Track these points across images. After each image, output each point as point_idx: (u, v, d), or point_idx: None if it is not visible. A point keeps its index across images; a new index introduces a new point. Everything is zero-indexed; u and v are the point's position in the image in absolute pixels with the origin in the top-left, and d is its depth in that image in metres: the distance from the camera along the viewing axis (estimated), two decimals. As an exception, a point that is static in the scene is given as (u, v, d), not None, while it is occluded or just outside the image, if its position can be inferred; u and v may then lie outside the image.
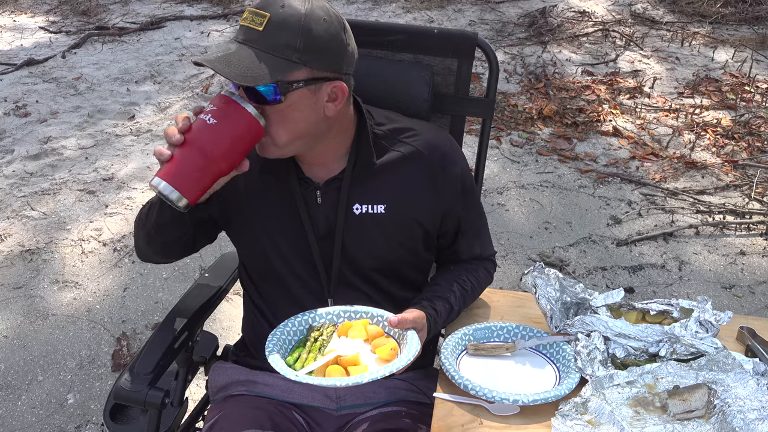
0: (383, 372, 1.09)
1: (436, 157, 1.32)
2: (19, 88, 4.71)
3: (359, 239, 1.30)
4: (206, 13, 6.32)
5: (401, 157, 1.30)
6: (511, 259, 3.01)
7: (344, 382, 1.07)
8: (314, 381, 1.08)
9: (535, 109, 4.40)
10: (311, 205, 1.29)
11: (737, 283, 2.90)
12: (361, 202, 1.29)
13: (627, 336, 1.23)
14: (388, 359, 1.14)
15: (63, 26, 6.01)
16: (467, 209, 1.38)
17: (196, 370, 1.48)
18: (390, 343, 1.17)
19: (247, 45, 1.12)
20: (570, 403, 1.10)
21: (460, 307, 1.34)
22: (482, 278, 1.41)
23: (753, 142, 4.05)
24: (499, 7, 6.46)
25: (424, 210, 1.32)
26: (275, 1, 1.12)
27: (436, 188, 1.32)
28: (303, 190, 1.29)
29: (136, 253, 1.40)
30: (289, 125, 1.17)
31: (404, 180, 1.30)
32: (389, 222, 1.30)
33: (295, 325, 1.23)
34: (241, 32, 1.14)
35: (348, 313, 1.25)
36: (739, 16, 6.22)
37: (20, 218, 3.23)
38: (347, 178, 1.28)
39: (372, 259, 1.31)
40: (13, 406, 2.24)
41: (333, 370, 1.12)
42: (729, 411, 1.04)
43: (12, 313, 2.64)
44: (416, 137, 1.32)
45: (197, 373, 1.50)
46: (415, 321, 1.20)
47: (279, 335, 1.19)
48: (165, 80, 4.87)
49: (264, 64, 1.10)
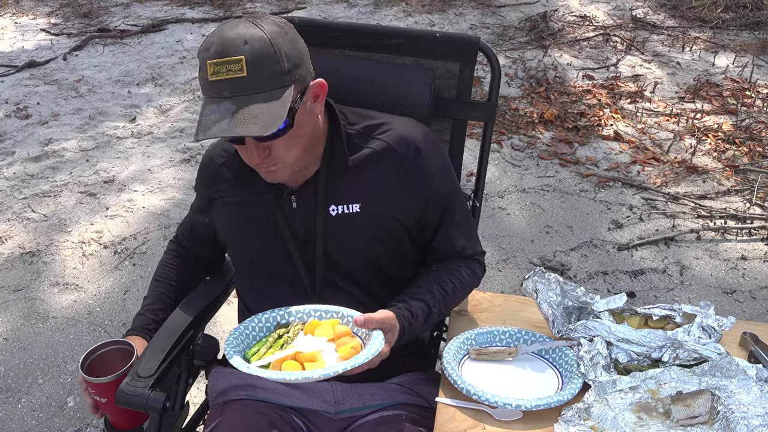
0: (336, 369, 1.07)
1: (410, 150, 1.29)
2: (20, 90, 4.71)
3: (338, 240, 1.29)
4: (207, 15, 6.33)
5: (373, 153, 1.29)
6: (512, 263, 3.00)
7: (293, 376, 1.06)
8: (264, 374, 1.07)
9: (536, 113, 4.40)
10: (287, 211, 1.30)
11: (738, 288, 2.90)
12: (337, 203, 1.28)
13: (630, 341, 1.22)
14: (348, 358, 1.12)
15: (64, 28, 6.01)
16: (446, 202, 1.34)
17: (197, 374, 1.47)
18: (350, 342, 1.16)
19: (239, 96, 1.10)
20: (573, 409, 1.09)
21: (441, 310, 1.30)
22: (466, 279, 1.36)
23: (754, 147, 4.05)
24: (500, 11, 6.47)
25: (399, 205, 1.30)
26: (235, 43, 1.10)
27: (410, 182, 1.29)
28: (277, 197, 1.30)
29: None
30: (298, 143, 1.20)
31: (377, 176, 1.28)
32: (365, 220, 1.28)
33: (261, 321, 1.23)
34: (222, 87, 1.10)
35: (318, 312, 1.24)
36: (740, 21, 6.23)
37: (21, 220, 3.22)
38: (322, 181, 1.28)
39: (352, 259, 1.31)
40: (13, 409, 2.23)
41: (288, 365, 1.11)
42: (732, 417, 1.03)
43: (12, 315, 2.64)
44: (388, 132, 1.30)
45: (198, 377, 1.50)
46: (382, 321, 1.18)
47: (242, 329, 1.21)
48: (166, 82, 4.87)
49: (269, 104, 1.10)
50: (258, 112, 1.09)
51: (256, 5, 6.64)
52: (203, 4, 6.66)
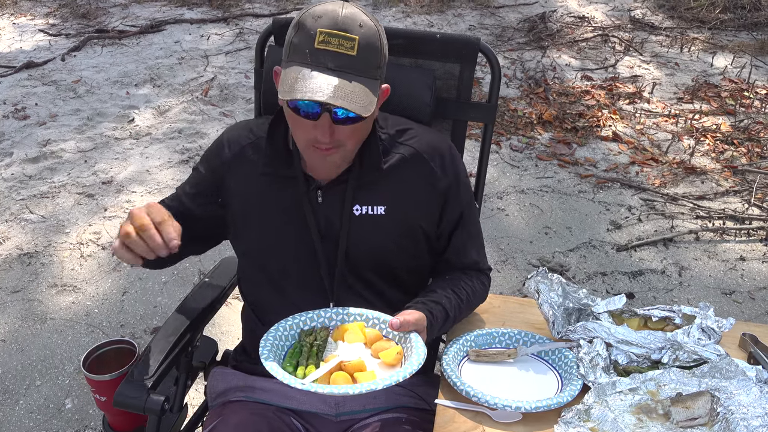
0: (396, 378, 1.07)
1: (436, 158, 1.32)
2: (19, 91, 4.70)
3: (358, 240, 1.29)
4: (206, 16, 6.32)
5: (401, 158, 1.30)
6: (511, 264, 3.00)
7: (357, 389, 1.04)
8: (324, 389, 1.05)
9: (535, 113, 4.40)
10: (313, 204, 1.29)
11: (737, 288, 2.90)
12: (361, 203, 1.28)
13: (629, 342, 1.22)
14: (394, 364, 1.12)
15: (63, 29, 6.00)
16: (464, 212, 1.37)
17: (196, 376, 1.47)
18: (395, 348, 1.15)
19: (344, 72, 1.11)
20: (573, 410, 1.09)
21: (455, 316, 1.31)
22: (478, 290, 1.39)
23: (752, 147, 4.06)
24: (499, 11, 6.47)
25: (422, 211, 1.32)
26: (353, 22, 1.11)
27: (435, 189, 1.31)
28: (307, 187, 1.29)
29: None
30: (360, 135, 1.21)
31: (403, 181, 1.30)
32: (388, 223, 1.29)
33: (285, 329, 1.20)
34: (328, 58, 1.11)
35: (341, 315, 1.23)
36: (738, 22, 6.24)
37: (19, 221, 3.22)
38: (353, 179, 1.27)
39: (371, 261, 1.31)
40: (11, 411, 2.23)
41: (338, 376, 1.10)
42: (732, 418, 1.03)
43: (10, 316, 2.63)
44: (416, 139, 1.33)
45: (197, 379, 1.49)
46: (417, 323, 1.19)
47: (271, 340, 1.16)
48: (164, 83, 4.87)
49: (368, 89, 1.12)
50: (359, 92, 1.11)
51: (255, 6, 6.63)
52: (202, 4, 6.66)
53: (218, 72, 5.05)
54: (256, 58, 1.55)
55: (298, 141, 1.22)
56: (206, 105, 4.53)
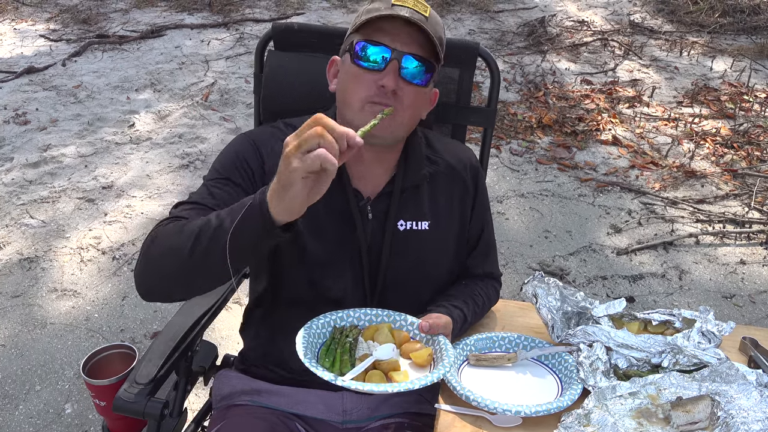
0: (431, 378, 1.10)
1: (470, 171, 1.35)
2: (19, 96, 4.71)
3: (403, 257, 1.27)
4: (206, 21, 6.34)
5: (438, 172, 1.31)
6: (511, 268, 3.00)
7: (395, 388, 1.07)
8: (363, 387, 1.06)
9: (535, 118, 4.41)
10: (364, 220, 1.26)
11: (738, 292, 2.89)
12: (406, 218, 1.27)
13: (629, 346, 1.22)
14: (425, 365, 1.15)
15: (63, 34, 6.02)
16: (486, 224, 1.40)
17: (196, 380, 1.47)
18: (426, 349, 1.17)
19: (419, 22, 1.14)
20: (572, 415, 1.09)
21: (472, 320, 1.33)
22: (491, 297, 1.41)
23: (752, 151, 4.06)
24: (499, 16, 6.49)
25: (460, 224, 1.34)
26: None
27: (467, 202, 1.34)
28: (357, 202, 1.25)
29: (147, 285, 1.11)
30: (416, 111, 1.21)
31: (443, 196, 1.31)
32: (432, 238, 1.29)
33: (318, 327, 1.19)
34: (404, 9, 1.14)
35: (369, 315, 1.24)
36: (737, 26, 6.25)
37: (19, 226, 3.22)
38: (397, 193, 1.26)
39: (414, 277, 1.29)
40: (11, 416, 2.22)
41: (373, 375, 1.12)
42: (732, 422, 1.03)
43: (10, 321, 2.63)
44: (447, 152, 1.34)
45: (197, 383, 1.49)
46: (446, 326, 1.21)
47: (307, 337, 1.15)
48: (165, 88, 4.88)
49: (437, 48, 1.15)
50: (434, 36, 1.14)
51: (255, 11, 6.65)
52: (202, 9, 6.68)
53: (218, 77, 5.06)
54: (256, 62, 1.55)
55: (352, 102, 1.16)
56: (206, 110, 4.54)
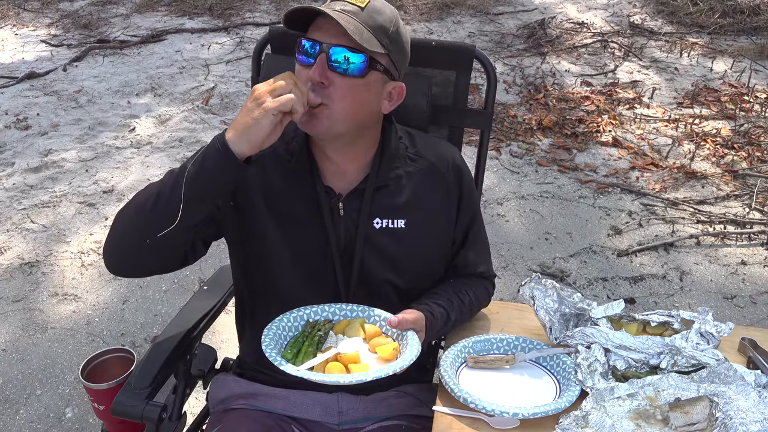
0: (386, 371, 1.09)
1: (452, 169, 1.32)
2: (21, 101, 4.72)
3: (377, 255, 1.27)
4: (207, 26, 6.35)
5: (418, 170, 1.30)
6: (511, 270, 3.00)
7: (347, 379, 1.07)
8: (316, 377, 1.07)
9: (535, 119, 4.41)
10: (335, 217, 1.26)
11: (738, 293, 2.89)
12: (382, 216, 1.27)
13: (628, 348, 1.22)
14: (389, 359, 1.14)
15: (64, 39, 6.03)
16: (473, 222, 1.38)
17: (195, 384, 1.47)
18: (391, 343, 1.17)
19: (346, 14, 1.12)
20: (571, 416, 1.09)
21: (456, 319, 1.31)
22: (481, 296, 1.39)
23: (753, 151, 4.06)
24: (498, 18, 6.49)
25: (440, 223, 1.32)
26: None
27: (452, 201, 1.32)
28: (328, 200, 1.25)
29: (112, 258, 1.21)
30: (354, 103, 1.16)
31: (422, 194, 1.29)
32: (409, 237, 1.28)
33: (290, 320, 1.21)
34: (337, 4, 1.14)
35: (344, 311, 1.24)
36: (737, 27, 6.24)
37: (20, 231, 3.23)
38: (370, 190, 1.25)
39: (388, 276, 1.29)
40: (11, 420, 2.22)
41: (333, 366, 1.11)
42: (731, 424, 1.03)
43: (11, 326, 2.63)
44: (429, 150, 1.33)
45: (196, 387, 1.49)
46: (415, 322, 1.19)
47: (275, 330, 1.18)
48: (165, 93, 4.89)
49: (367, 32, 1.13)
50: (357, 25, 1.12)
51: (255, 15, 6.66)
52: (202, 14, 6.69)
53: (219, 81, 5.07)
54: (253, 66, 1.56)
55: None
56: (207, 114, 4.54)
